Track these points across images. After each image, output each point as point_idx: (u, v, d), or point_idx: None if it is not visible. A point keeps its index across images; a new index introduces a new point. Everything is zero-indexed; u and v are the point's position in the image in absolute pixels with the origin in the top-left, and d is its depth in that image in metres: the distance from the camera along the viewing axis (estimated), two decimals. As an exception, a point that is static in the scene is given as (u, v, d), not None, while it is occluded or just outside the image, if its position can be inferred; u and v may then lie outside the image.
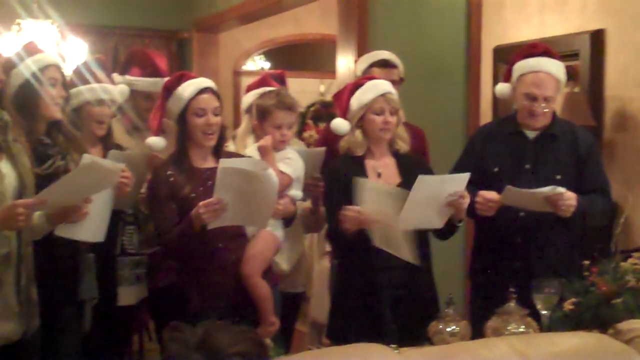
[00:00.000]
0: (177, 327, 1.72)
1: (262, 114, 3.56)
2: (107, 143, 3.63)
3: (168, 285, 3.82)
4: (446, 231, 3.43)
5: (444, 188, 3.26)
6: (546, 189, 3.30)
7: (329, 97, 9.46)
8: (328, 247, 4.65)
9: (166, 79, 3.90)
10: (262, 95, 3.64)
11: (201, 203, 3.04)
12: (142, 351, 5.60)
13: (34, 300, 2.95)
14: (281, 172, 3.40)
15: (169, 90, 3.31)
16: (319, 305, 4.44)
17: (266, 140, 3.46)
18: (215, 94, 3.31)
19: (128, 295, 3.73)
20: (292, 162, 3.50)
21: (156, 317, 4.22)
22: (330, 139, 4.01)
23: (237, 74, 8.88)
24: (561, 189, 3.29)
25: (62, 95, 3.28)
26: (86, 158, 2.89)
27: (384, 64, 4.10)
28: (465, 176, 3.28)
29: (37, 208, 2.77)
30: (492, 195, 3.39)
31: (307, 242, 4.63)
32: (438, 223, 3.34)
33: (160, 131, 3.44)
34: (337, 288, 3.64)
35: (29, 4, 6.44)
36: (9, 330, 2.80)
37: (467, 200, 3.30)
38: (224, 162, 3.01)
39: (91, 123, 3.50)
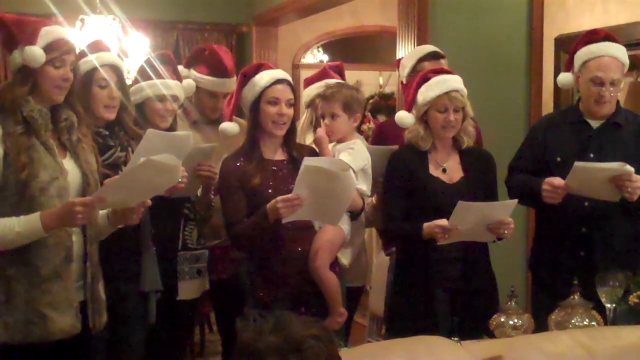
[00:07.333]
0: (249, 316, 1.74)
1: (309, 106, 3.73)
2: None
3: (230, 277, 3.86)
4: None
5: (488, 214, 3.25)
6: (616, 164, 3.24)
7: (387, 90, 9.44)
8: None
9: (233, 79, 3.94)
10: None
11: (279, 198, 3.06)
12: (204, 342, 5.69)
13: (100, 297, 2.97)
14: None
15: (246, 77, 3.34)
16: (378, 298, 4.43)
17: (319, 132, 3.50)
18: (291, 86, 3.35)
19: (188, 289, 3.76)
20: (354, 152, 3.49)
21: (218, 308, 4.27)
22: (385, 132, 4.01)
23: (296, 67, 8.89)
24: (630, 168, 3.22)
25: (113, 97, 3.28)
26: (139, 156, 2.83)
27: (434, 56, 3.94)
28: (511, 203, 3.27)
29: (98, 206, 2.78)
30: (559, 181, 3.34)
31: (366, 235, 4.62)
32: (485, 239, 3.37)
33: (231, 120, 3.49)
34: (394, 281, 3.63)
35: (91, 0, 6.54)
36: (67, 324, 2.81)
37: (510, 231, 3.27)
38: (308, 161, 3.05)
39: (154, 118, 3.53)
